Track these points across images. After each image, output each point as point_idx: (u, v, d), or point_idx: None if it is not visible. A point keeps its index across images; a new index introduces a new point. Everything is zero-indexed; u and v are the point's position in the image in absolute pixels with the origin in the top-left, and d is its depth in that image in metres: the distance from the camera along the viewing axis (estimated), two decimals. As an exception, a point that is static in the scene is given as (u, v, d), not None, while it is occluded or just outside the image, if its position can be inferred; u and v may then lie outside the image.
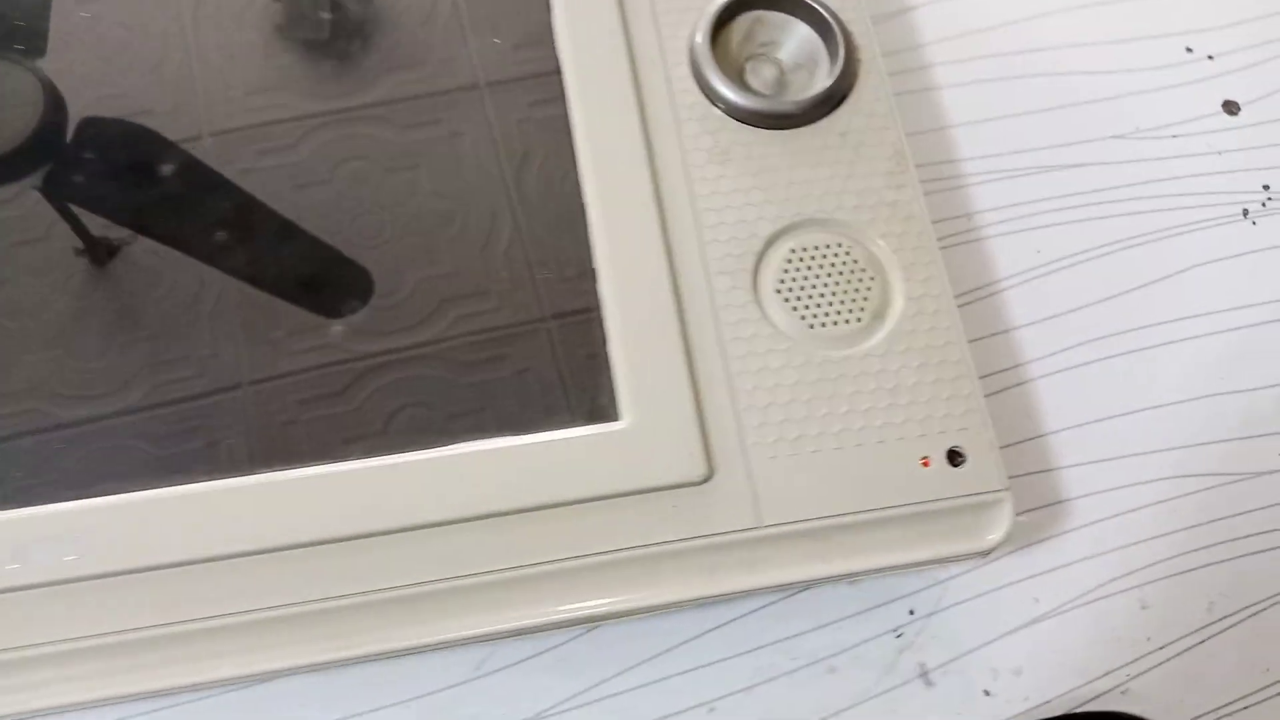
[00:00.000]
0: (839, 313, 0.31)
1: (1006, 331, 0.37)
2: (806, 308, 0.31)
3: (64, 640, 0.28)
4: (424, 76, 0.34)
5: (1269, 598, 0.35)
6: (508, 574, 0.29)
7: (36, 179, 0.33)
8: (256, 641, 0.28)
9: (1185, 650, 0.34)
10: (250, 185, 0.33)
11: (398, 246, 0.32)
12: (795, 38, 0.35)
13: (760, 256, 0.32)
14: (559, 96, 0.33)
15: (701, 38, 0.34)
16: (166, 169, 0.33)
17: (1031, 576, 0.35)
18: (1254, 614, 0.35)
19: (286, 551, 0.28)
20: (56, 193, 0.33)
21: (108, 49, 0.34)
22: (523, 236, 0.32)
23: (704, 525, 0.29)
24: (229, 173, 0.33)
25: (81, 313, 0.31)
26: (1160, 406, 0.37)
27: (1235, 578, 0.35)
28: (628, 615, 0.29)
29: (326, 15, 0.35)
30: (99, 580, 0.28)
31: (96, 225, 0.32)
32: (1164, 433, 0.36)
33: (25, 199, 0.32)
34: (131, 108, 0.34)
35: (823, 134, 0.33)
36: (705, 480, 0.29)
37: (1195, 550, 0.35)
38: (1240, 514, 0.36)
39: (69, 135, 0.33)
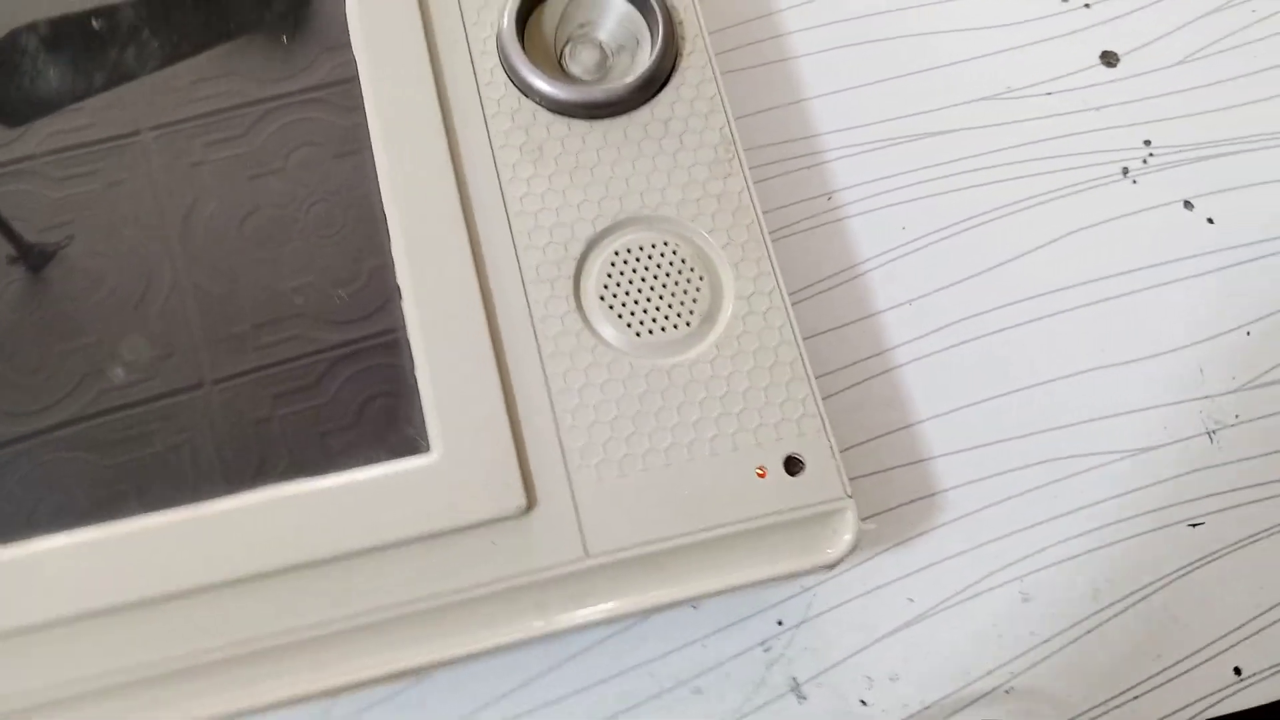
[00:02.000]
0: (667, 318, 0.29)
1: (871, 316, 0.35)
2: (633, 314, 0.29)
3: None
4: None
5: (1155, 581, 0.33)
6: (320, 630, 0.26)
7: None
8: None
9: (1072, 642, 0.33)
10: (204, 177, 0.31)
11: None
12: (613, 15, 0.32)
13: (581, 262, 0.29)
14: (358, 104, 0.31)
15: (508, 24, 0.31)
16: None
17: (905, 575, 0.33)
18: (1141, 599, 0.33)
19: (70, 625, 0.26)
20: None
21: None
22: (315, 253, 0.30)
23: (526, 560, 0.27)
24: (185, 162, 0.31)
25: (19, 322, 0.29)
26: (1033, 386, 0.35)
27: (1119, 562, 0.33)
28: (454, 663, 0.27)
29: None
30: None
31: (30, 230, 0.30)
32: (1037, 414, 0.34)
33: None
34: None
35: (643, 122, 0.31)
36: (525, 512, 0.27)
37: (1076, 536, 0.33)
38: (1121, 494, 0.34)
39: None
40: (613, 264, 0.29)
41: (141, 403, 0.28)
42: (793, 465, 0.28)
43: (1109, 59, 0.39)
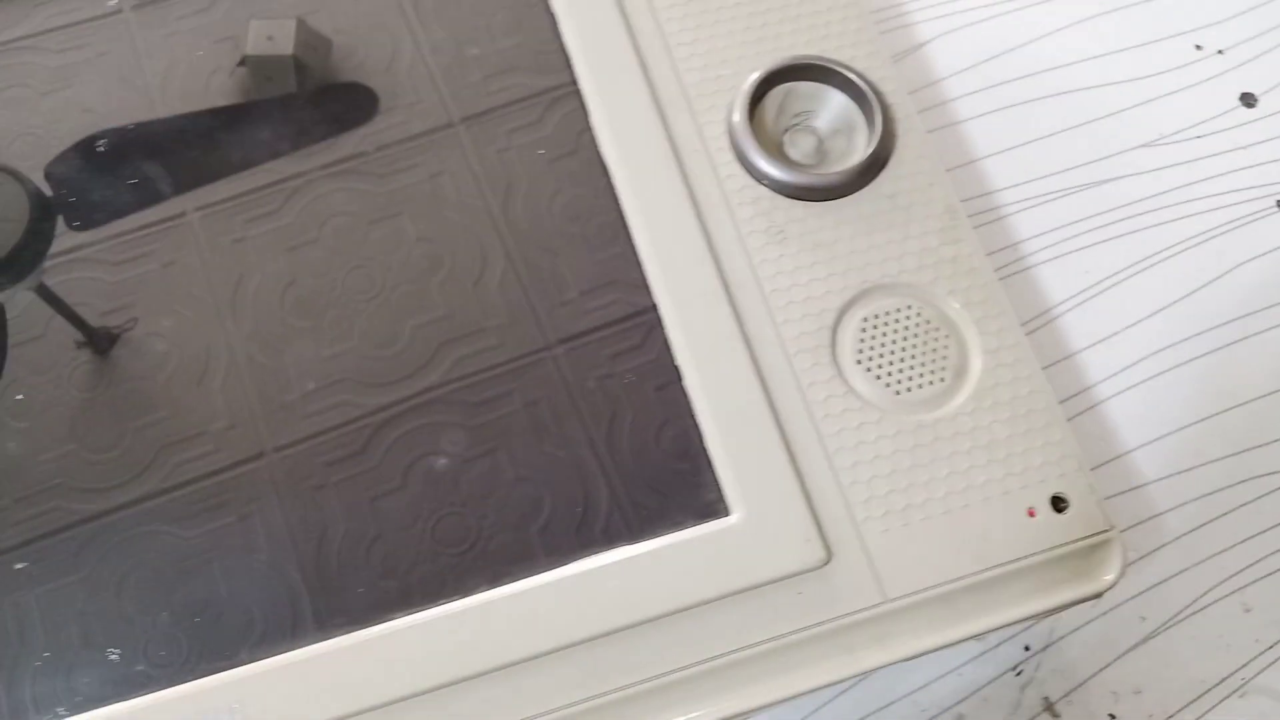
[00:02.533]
0: (922, 375, 0.32)
1: (1069, 357, 0.38)
2: (889, 374, 0.32)
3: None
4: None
5: (1366, 582, 0.36)
6: (640, 687, 0.29)
7: (32, 279, 0.33)
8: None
9: (1294, 645, 0.35)
10: (245, 253, 0.33)
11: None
12: (830, 105, 0.35)
13: (835, 330, 0.32)
14: (616, 208, 0.34)
15: (740, 117, 0.34)
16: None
17: (1135, 596, 0.35)
18: (1355, 600, 0.35)
19: (421, 697, 0.29)
20: (50, 288, 0.33)
21: (81, 132, 0.35)
22: (597, 339, 0.33)
23: (831, 608, 0.29)
24: (224, 245, 0.33)
25: (90, 404, 0.31)
26: (1232, 409, 0.37)
27: (1331, 567, 0.36)
28: (768, 708, 0.29)
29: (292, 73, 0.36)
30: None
31: (94, 315, 0.33)
32: (1240, 433, 0.37)
33: (21, 298, 0.33)
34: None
35: (871, 200, 0.34)
36: (825, 564, 0.30)
37: (1288, 546, 0.36)
38: (1327, 504, 0.36)
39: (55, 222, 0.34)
40: (864, 330, 0.32)
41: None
42: (1058, 503, 0.31)
43: (1248, 100, 0.42)
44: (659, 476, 0.31)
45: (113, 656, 0.29)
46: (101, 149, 0.35)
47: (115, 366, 0.32)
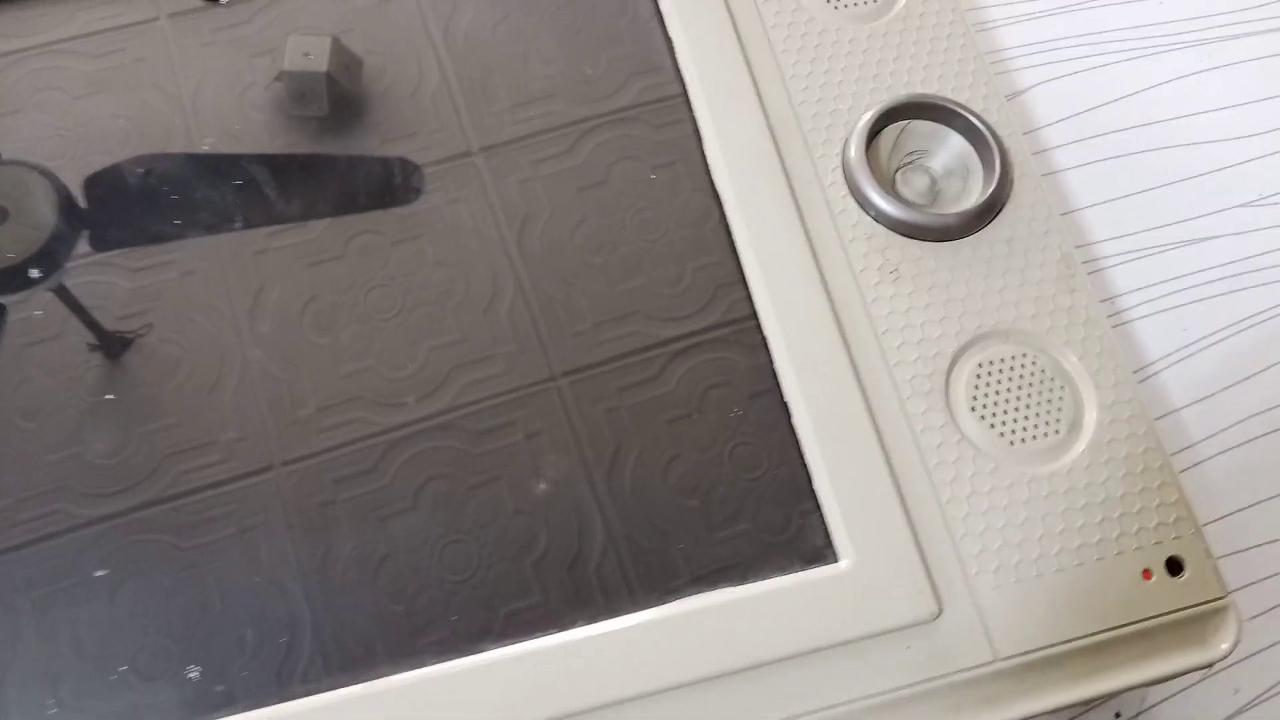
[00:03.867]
0: (1036, 426, 0.31)
1: (1168, 414, 0.37)
2: (1004, 423, 0.31)
3: None
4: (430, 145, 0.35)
5: None
6: (748, 733, 0.28)
7: (53, 280, 0.33)
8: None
9: (1388, 726, 0.34)
10: (266, 267, 0.33)
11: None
12: (946, 146, 0.34)
13: (949, 375, 0.31)
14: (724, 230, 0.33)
15: (856, 152, 0.34)
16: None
17: (1229, 665, 0.34)
18: None
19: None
20: (68, 289, 0.33)
21: (112, 142, 0.35)
22: (713, 392, 0.32)
23: (941, 664, 0.28)
24: (245, 257, 0.33)
25: (99, 408, 0.31)
26: (1330, 478, 0.37)
27: None
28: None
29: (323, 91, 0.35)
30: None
31: (109, 319, 0.32)
32: (1341, 504, 0.36)
33: (39, 298, 0.32)
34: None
35: (988, 243, 0.33)
36: (936, 617, 0.29)
37: (1389, 622, 0.35)
38: None
39: (82, 230, 0.33)
40: (978, 376, 0.31)
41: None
42: (1174, 567, 0.30)
43: (1347, 166, 0.42)
44: (766, 518, 0.30)
45: (100, 669, 0.28)
46: (140, 173, 0.34)
47: (126, 371, 0.32)
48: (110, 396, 0.31)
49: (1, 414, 0.31)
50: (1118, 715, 0.34)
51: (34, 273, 0.33)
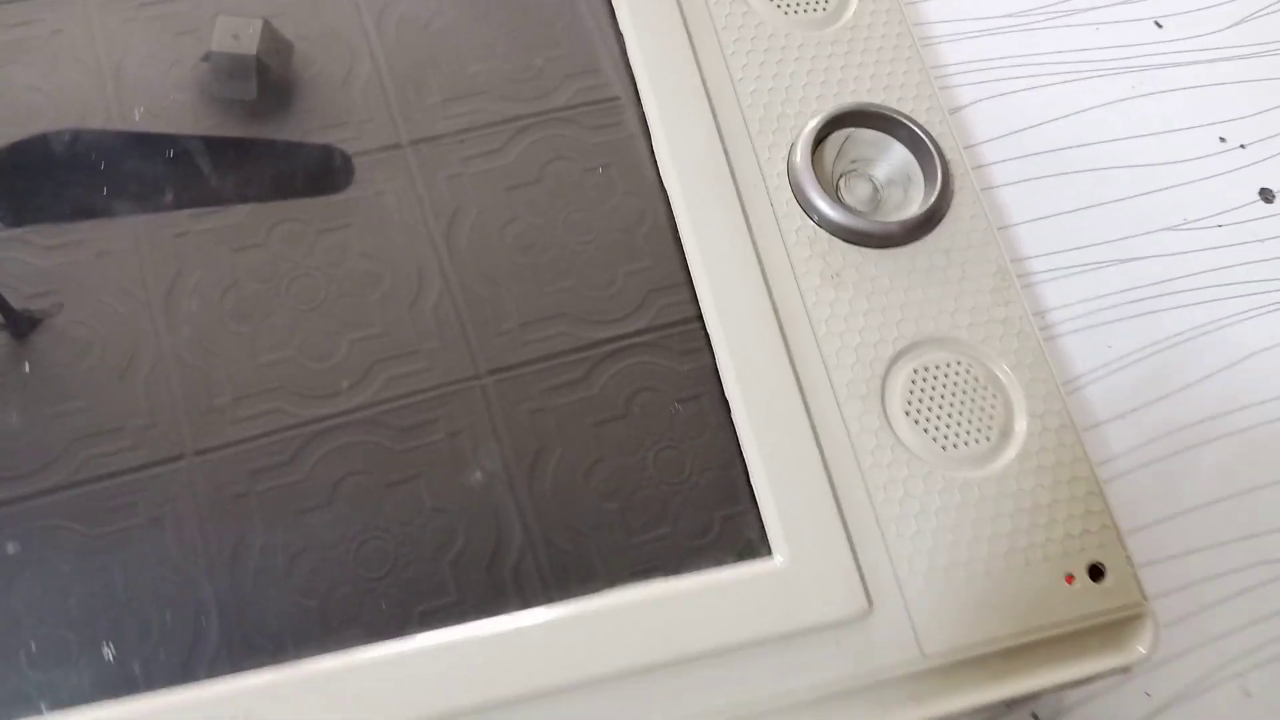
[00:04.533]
0: (969, 432, 0.32)
1: (1091, 428, 0.38)
2: (937, 429, 0.32)
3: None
4: (358, 136, 0.34)
5: (1362, 676, 0.36)
6: (676, 726, 0.28)
7: None
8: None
9: (1290, 734, 0.35)
10: (185, 251, 0.32)
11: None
12: (889, 155, 0.35)
13: (885, 379, 0.32)
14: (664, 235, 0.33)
15: (801, 158, 0.34)
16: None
17: (1142, 673, 0.35)
18: (1350, 693, 0.36)
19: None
20: None
21: (25, 115, 0.34)
22: (641, 395, 0.32)
23: (870, 661, 0.29)
24: (164, 240, 0.32)
25: (2, 387, 0.30)
26: (1239, 494, 0.38)
27: (1331, 659, 0.36)
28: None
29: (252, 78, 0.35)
30: None
31: (17, 297, 0.31)
32: (1250, 519, 0.37)
33: None
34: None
35: (927, 253, 0.34)
36: (866, 615, 0.29)
37: (1291, 635, 0.36)
38: (1330, 596, 0.37)
39: None
40: (913, 381, 0.32)
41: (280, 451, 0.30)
42: (1096, 573, 0.31)
43: (1266, 195, 0.43)
44: (701, 514, 0.30)
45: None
46: (54, 148, 0.33)
47: (34, 351, 0.31)
48: (14, 375, 0.30)
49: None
50: (1034, 716, 0.35)
51: None
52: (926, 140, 0.34)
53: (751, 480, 0.30)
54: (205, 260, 0.32)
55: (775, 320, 0.32)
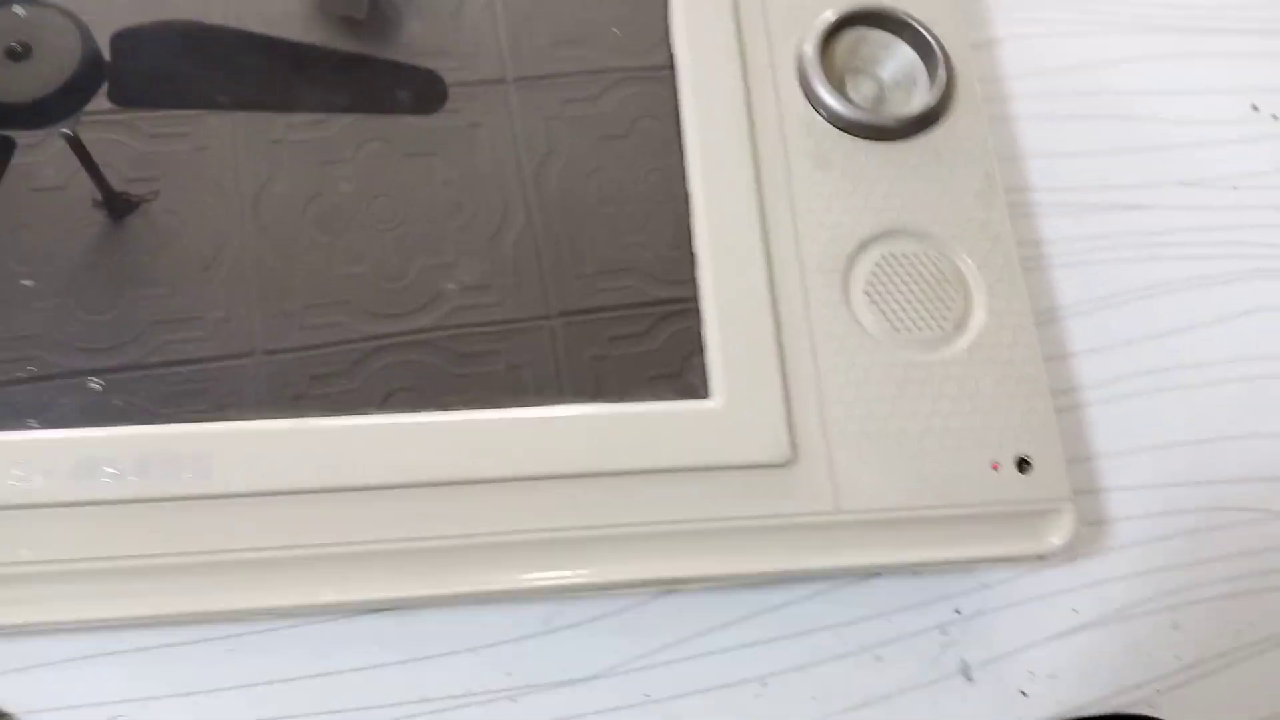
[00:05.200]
0: (923, 319, 0.33)
1: (1064, 357, 0.39)
2: (893, 311, 0.33)
3: (160, 555, 0.29)
4: (468, 64, 0.35)
5: (1293, 631, 0.37)
6: (595, 532, 0.30)
7: (66, 125, 0.33)
8: (348, 573, 0.30)
9: (1211, 673, 0.36)
10: (278, 157, 0.33)
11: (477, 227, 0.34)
12: (897, 57, 0.36)
13: (852, 259, 0.34)
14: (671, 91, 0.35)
15: (811, 49, 0.35)
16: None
17: (1072, 589, 0.37)
18: (1277, 645, 0.37)
19: (390, 490, 0.30)
20: (81, 141, 0.33)
21: (147, 2, 0.35)
22: (605, 225, 0.34)
23: (784, 505, 0.31)
24: (260, 143, 0.33)
25: (93, 265, 0.31)
26: (1205, 442, 0.39)
27: (1264, 610, 0.37)
28: (704, 583, 0.31)
29: None
30: (206, 499, 0.29)
31: (119, 179, 0.32)
32: (1207, 466, 0.38)
33: (51, 145, 0.33)
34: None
35: (919, 150, 0.35)
36: (788, 463, 0.31)
37: (1227, 580, 0.37)
38: (1272, 549, 0.37)
39: (103, 82, 0.33)
40: (879, 265, 0.34)
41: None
42: (1023, 464, 0.32)
43: (1291, 167, 0.43)
44: (655, 351, 0.32)
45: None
46: (169, 38, 0.34)
47: (127, 234, 0.32)
48: (105, 254, 0.31)
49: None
50: (958, 611, 0.36)
51: (48, 116, 0.33)
52: (933, 42, 0.36)
53: (704, 329, 0.32)
54: (295, 168, 0.33)
55: (756, 186, 0.34)
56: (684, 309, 0.33)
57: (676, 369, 0.32)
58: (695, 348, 0.32)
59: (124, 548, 0.29)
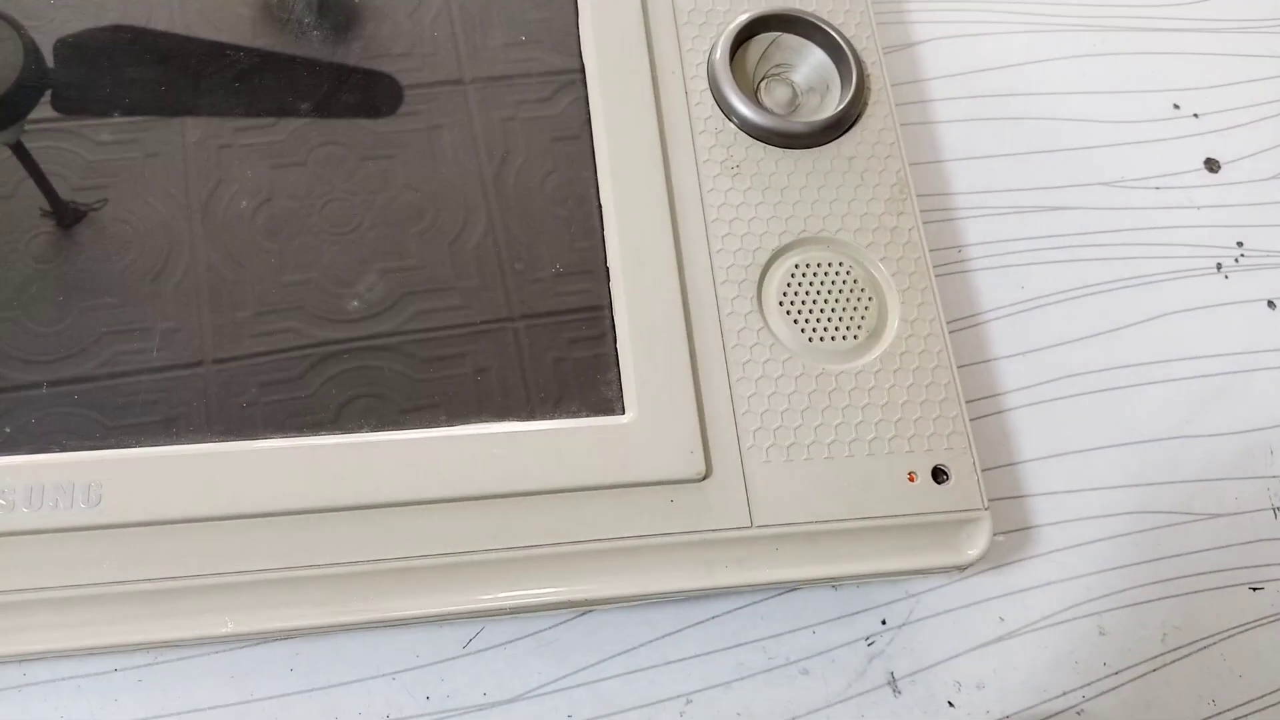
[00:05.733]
0: (837, 329, 0.33)
1: (988, 361, 0.39)
2: (807, 321, 0.33)
3: (64, 587, 0.28)
4: (411, 68, 0.35)
5: (1218, 633, 0.37)
6: (508, 554, 0.29)
7: (10, 134, 0.32)
8: (255, 601, 0.29)
9: (1138, 677, 0.36)
10: (230, 161, 0.33)
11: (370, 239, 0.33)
12: (810, 62, 0.36)
13: (765, 269, 0.33)
14: (582, 98, 0.34)
15: (721, 54, 0.35)
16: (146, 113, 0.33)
17: (998, 597, 0.36)
18: (1203, 648, 0.36)
19: (292, 516, 0.29)
20: (27, 150, 0.32)
21: (90, 7, 0.34)
22: (519, 235, 0.33)
23: (699, 521, 0.30)
24: (207, 149, 0.33)
25: (41, 275, 0.31)
26: (1128, 444, 0.38)
27: (1189, 612, 0.37)
28: (620, 602, 0.30)
29: None
30: (110, 530, 0.28)
31: (65, 188, 0.32)
32: (1130, 469, 0.38)
33: None
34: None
35: (830, 157, 0.35)
36: (703, 478, 0.30)
37: (1153, 583, 0.37)
38: (1196, 552, 0.37)
39: (47, 89, 0.33)
40: (793, 275, 0.33)
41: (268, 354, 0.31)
42: (939, 475, 0.31)
43: (1211, 165, 0.43)
44: (567, 365, 0.31)
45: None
46: (113, 44, 0.34)
47: (75, 243, 0.31)
48: (54, 265, 0.31)
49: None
50: (884, 622, 0.36)
51: None
52: (845, 47, 0.35)
53: (618, 343, 0.31)
54: (245, 173, 0.33)
55: (667, 197, 0.33)
56: (597, 322, 0.32)
57: (590, 384, 0.31)
58: (610, 362, 0.31)
59: (17, 581, 0.28)
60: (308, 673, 0.33)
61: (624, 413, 0.31)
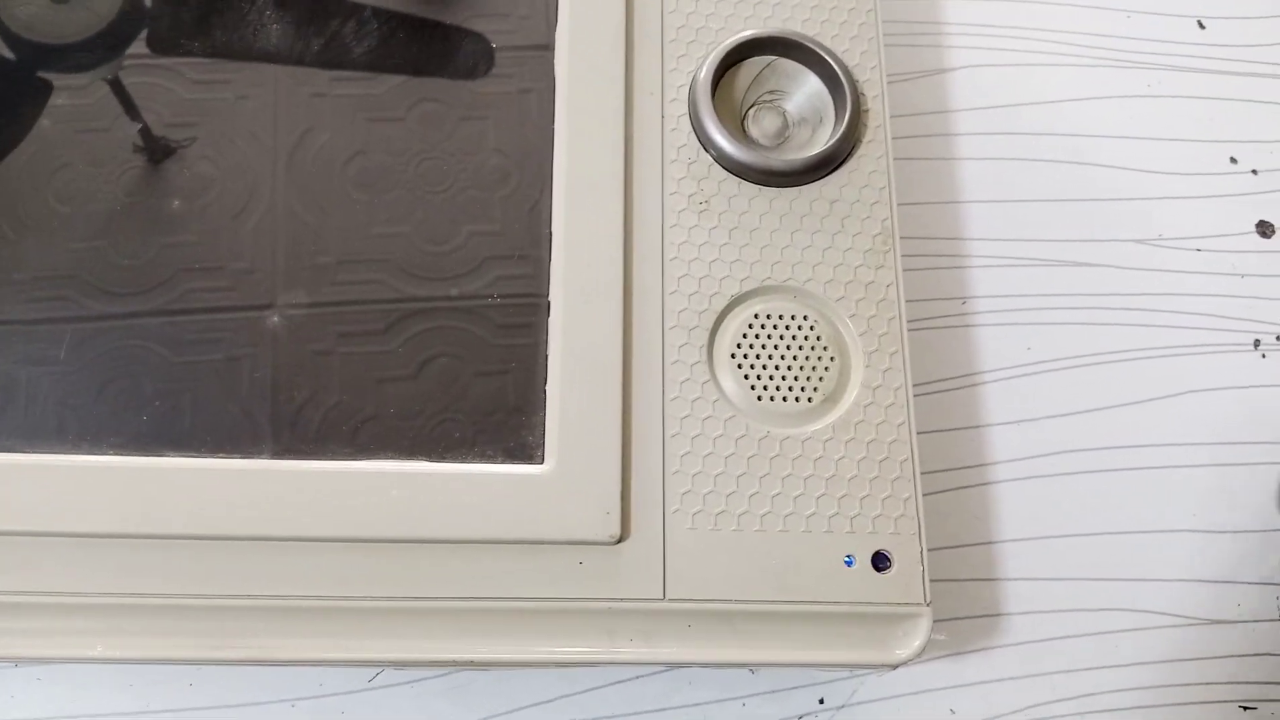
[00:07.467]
0: (790, 389, 0.30)
1: (980, 427, 0.36)
2: (759, 378, 0.30)
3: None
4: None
5: (1199, 752, 0.33)
6: (394, 604, 0.28)
7: (109, 69, 0.33)
8: (126, 625, 0.28)
9: (1100, 791, 0.33)
10: (323, 110, 0.32)
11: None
12: (805, 90, 0.33)
13: (721, 316, 0.31)
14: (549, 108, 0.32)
15: (705, 77, 0.32)
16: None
17: (953, 686, 0.33)
18: (1179, 766, 0.33)
19: (173, 541, 0.28)
20: (124, 85, 0.32)
21: None
22: (471, 229, 0.31)
23: (607, 588, 0.28)
24: (307, 92, 0.33)
25: (129, 208, 0.31)
26: (1123, 534, 0.35)
27: (1167, 726, 0.33)
28: (512, 666, 0.28)
29: None
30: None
31: (158, 124, 0.32)
32: (1121, 562, 0.35)
33: (96, 89, 0.32)
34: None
35: (810, 198, 0.32)
36: (616, 541, 0.28)
37: (1128, 690, 0.34)
38: (1182, 660, 0.34)
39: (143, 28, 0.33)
40: (750, 326, 0.30)
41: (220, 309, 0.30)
42: (880, 561, 0.29)
43: (1265, 229, 0.39)
44: (487, 404, 0.29)
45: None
46: None
47: (163, 179, 0.31)
48: (140, 199, 0.31)
49: (37, 192, 0.31)
50: (821, 701, 0.33)
51: (92, 58, 0.33)
52: (843, 78, 0.32)
53: (548, 385, 0.29)
54: (337, 123, 0.32)
55: (624, 229, 0.31)
56: (528, 359, 0.30)
57: (511, 427, 0.29)
58: (536, 404, 0.29)
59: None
60: (208, 690, 0.32)
61: (542, 461, 0.29)
